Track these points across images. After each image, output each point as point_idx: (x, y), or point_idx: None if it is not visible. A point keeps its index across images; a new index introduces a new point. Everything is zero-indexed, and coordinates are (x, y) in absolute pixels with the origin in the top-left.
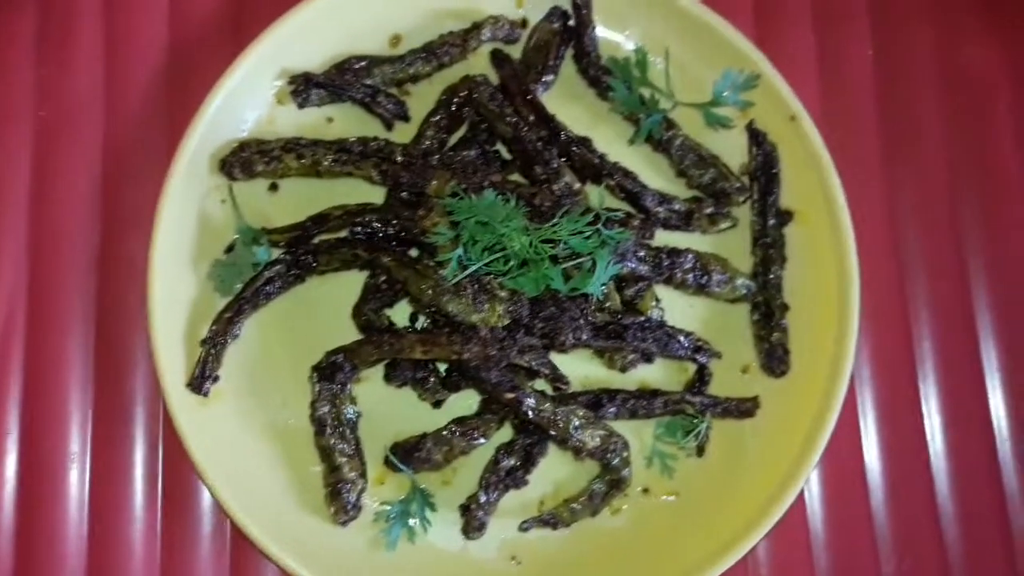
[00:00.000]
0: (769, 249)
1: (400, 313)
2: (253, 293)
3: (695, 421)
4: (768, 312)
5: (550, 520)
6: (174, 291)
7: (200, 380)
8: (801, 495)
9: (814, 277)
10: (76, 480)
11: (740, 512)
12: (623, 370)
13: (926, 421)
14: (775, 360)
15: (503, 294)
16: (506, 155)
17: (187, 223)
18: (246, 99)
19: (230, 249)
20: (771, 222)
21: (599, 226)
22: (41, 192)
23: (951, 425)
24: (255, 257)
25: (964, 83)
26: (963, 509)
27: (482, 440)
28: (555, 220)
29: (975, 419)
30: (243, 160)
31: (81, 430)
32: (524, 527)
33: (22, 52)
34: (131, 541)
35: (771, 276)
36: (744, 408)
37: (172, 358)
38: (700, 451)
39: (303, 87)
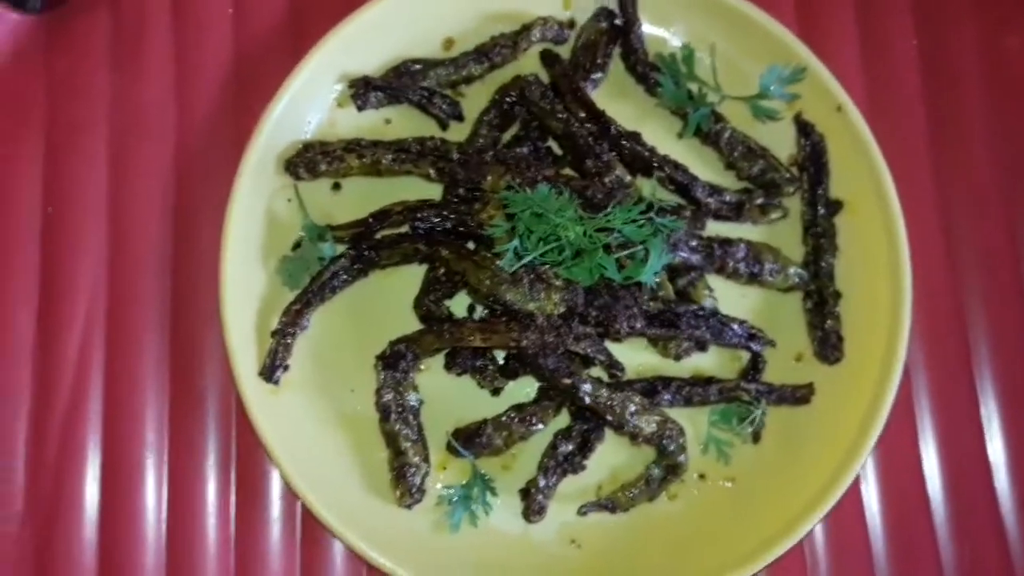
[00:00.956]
0: (820, 238)
1: (459, 304)
2: (319, 287)
3: (750, 408)
4: (821, 300)
5: (608, 505)
6: (245, 286)
7: (271, 370)
8: (857, 481)
9: (866, 265)
10: (154, 468)
11: (796, 497)
12: (677, 358)
13: (982, 407)
14: (829, 347)
15: (558, 283)
16: (558, 151)
17: (256, 221)
18: (308, 103)
19: (297, 246)
20: (821, 212)
21: (652, 215)
22: (118, 195)
23: (1008, 410)
24: (321, 253)
25: (1009, 69)
26: None
27: (540, 426)
28: (608, 210)
29: None
30: (307, 160)
31: (158, 420)
32: (583, 511)
33: (97, 62)
34: (206, 524)
35: (823, 265)
36: (799, 395)
37: (244, 349)
38: (756, 438)
39: (362, 90)
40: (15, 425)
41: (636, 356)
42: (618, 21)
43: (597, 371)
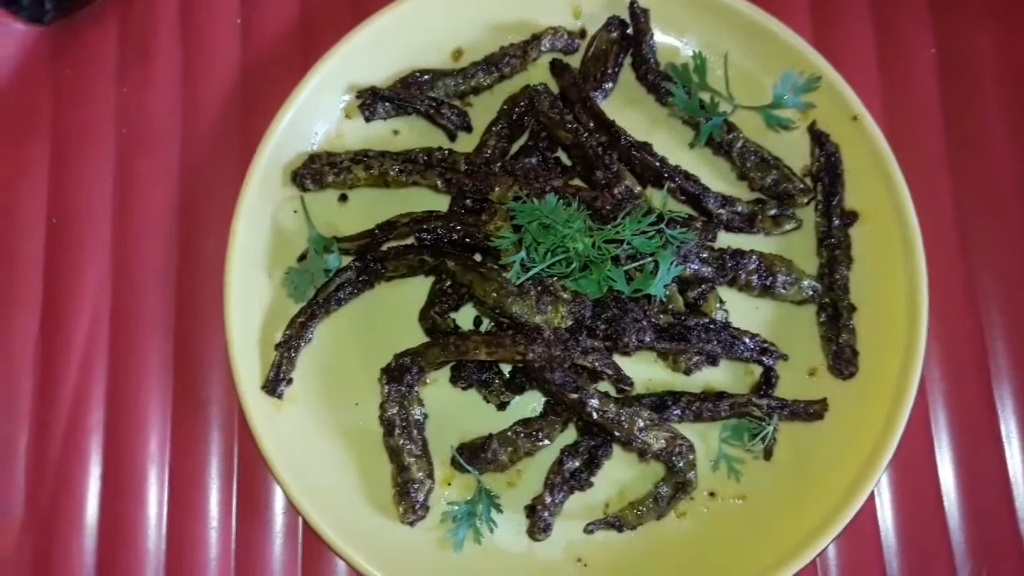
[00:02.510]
0: (835, 250)
1: (465, 317)
2: (325, 299)
3: (762, 424)
4: (835, 313)
5: (615, 522)
6: (250, 298)
7: (274, 383)
8: (871, 498)
9: (881, 278)
10: (155, 478)
11: (808, 516)
12: (687, 372)
13: (1002, 423)
14: (843, 362)
15: (566, 296)
16: (567, 162)
17: (261, 233)
18: (316, 114)
19: (303, 257)
20: (836, 223)
21: (662, 226)
22: (123, 204)
23: None
24: (327, 264)
25: None
26: None
27: (546, 441)
28: (617, 221)
29: None
30: (314, 172)
31: (160, 431)
32: (589, 529)
33: (104, 73)
34: (207, 538)
35: (837, 277)
36: (812, 410)
37: (248, 362)
38: (768, 454)
39: (370, 101)
40: (17, 434)
41: (645, 370)
42: (629, 31)
43: (605, 385)
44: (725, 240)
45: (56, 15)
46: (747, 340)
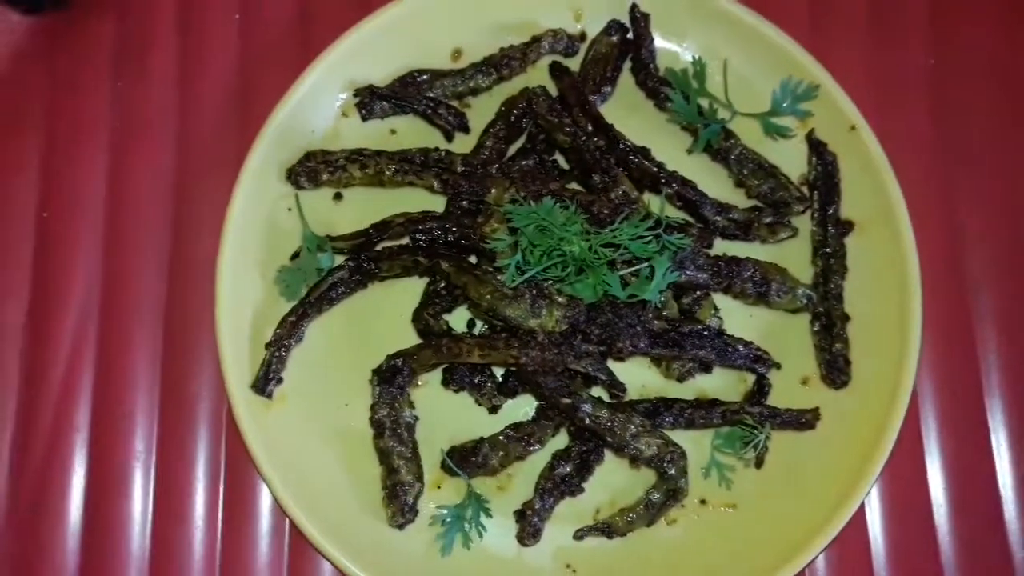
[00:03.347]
0: (830, 259)
1: (459, 319)
2: (317, 298)
3: (754, 432)
4: (829, 323)
5: (605, 529)
6: (241, 295)
7: (264, 382)
8: (862, 509)
9: (876, 288)
10: (141, 477)
11: (799, 525)
12: (681, 379)
13: (992, 435)
14: (836, 371)
15: (561, 300)
16: (564, 165)
17: (255, 230)
18: (312, 111)
19: (296, 255)
20: (831, 232)
21: (658, 231)
22: (116, 199)
23: (1018, 439)
24: (320, 263)
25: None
26: None
27: (538, 446)
28: (614, 226)
29: None
30: (309, 170)
31: (148, 429)
32: (579, 535)
33: (101, 67)
34: (193, 538)
35: (832, 286)
36: (804, 420)
37: (237, 360)
38: (759, 463)
39: (367, 99)
40: (1, 431)
41: (639, 376)
42: (629, 35)
43: (598, 391)
44: (721, 247)
45: (52, 6)
46: (741, 348)
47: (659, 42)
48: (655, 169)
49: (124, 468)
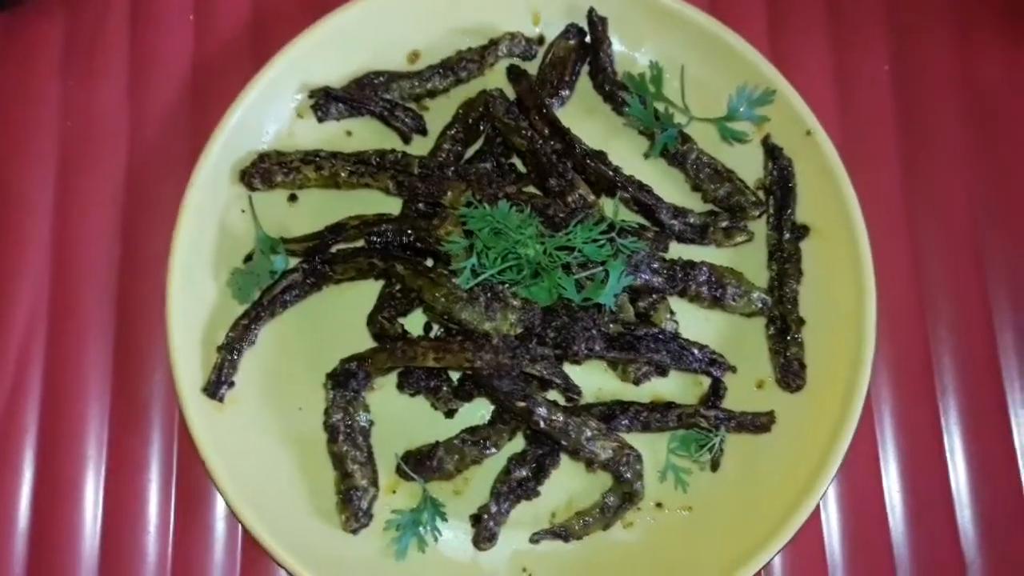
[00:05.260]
0: (785, 263)
1: (415, 323)
2: (270, 301)
3: (709, 435)
4: (784, 326)
5: (561, 532)
6: (193, 298)
7: (216, 385)
8: (817, 511)
9: (831, 292)
10: (91, 482)
11: (755, 527)
12: (636, 382)
13: (945, 437)
14: (791, 375)
15: (516, 303)
16: (521, 168)
17: (207, 232)
18: (267, 112)
19: (249, 258)
20: (787, 236)
21: (613, 235)
22: (65, 199)
23: (971, 441)
24: (273, 266)
25: (984, 96)
26: (986, 526)
27: (493, 450)
28: (569, 229)
29: (996, 435)
30: (263, 171)
31: (98, 433)
32: (535, 539)
33: (49, 64)
34: (144, 544)
35: (787, 290)
36: (759, 423)
37: (189, 363)
38: (715, 466)
39: (323, 101)
40: None
41: (594, 379)
42: (588, 39)
43: (554, 394)
44: (677, 251)
45: (1, 4)
46: (696, 351)
47: (616, 46)
48: (611, 173)
49: (74, 472)
